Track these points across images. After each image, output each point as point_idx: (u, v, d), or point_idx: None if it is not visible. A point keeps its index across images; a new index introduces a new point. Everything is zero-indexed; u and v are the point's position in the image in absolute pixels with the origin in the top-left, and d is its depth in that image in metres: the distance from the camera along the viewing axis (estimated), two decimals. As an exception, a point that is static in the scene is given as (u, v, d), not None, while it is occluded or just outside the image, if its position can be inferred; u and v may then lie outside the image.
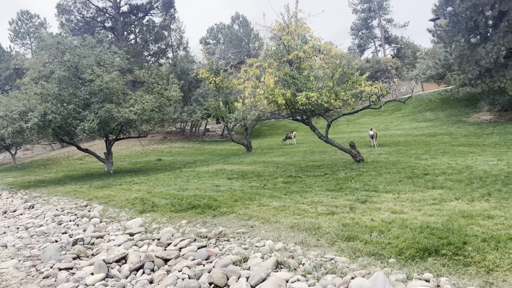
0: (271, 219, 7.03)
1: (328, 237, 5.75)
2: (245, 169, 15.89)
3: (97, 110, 17.80)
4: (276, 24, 14.57)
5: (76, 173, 21.86)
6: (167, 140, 39.52)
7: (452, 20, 27.99)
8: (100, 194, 12.46)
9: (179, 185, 12.91)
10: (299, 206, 7.95)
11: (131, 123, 18.97)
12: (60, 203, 11.72)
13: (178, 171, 17.71)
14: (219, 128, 47.49)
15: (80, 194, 12.95)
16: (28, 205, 11.52)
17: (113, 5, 41.43)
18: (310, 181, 11.42)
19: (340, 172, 12.64)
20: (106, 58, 19.87)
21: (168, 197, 10.47)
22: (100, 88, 17.88)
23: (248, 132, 26.05)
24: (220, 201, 9.21)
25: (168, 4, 42.87)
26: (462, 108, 34.79)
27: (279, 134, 41.33)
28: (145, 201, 10.20)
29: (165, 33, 46.26)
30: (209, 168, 17.90)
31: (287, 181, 11.80)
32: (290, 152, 22.33)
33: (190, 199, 9.83)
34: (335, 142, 15.37)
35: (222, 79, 23.99)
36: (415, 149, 17.83)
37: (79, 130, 17.10)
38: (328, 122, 15.28)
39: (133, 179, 15.94)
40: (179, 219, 8.06)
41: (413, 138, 23.53)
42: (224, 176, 14.46)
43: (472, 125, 26.74)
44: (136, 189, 12.97)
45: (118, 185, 14.47)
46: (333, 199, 8.54)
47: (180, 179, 14.52)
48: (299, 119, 15.48)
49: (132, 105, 18.88)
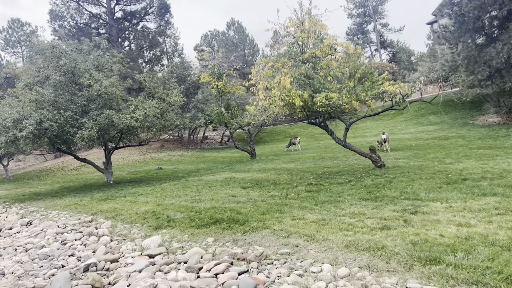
0: (317, 236, 6.02)
1: (399, 259, 4.75)
2: (257, 177, 14.87)
3: (96, 117, 16.70)
4: (290, 22, 13.64)
5: (73, 185, 20.67)
6: (165, 149, 38.36)
7: (458, 20, 27.34)
8: (104, 207, 11.36)
9: (191, 196, 11.86)
10: (342, 219, 6.94)
11: (132, 131, 17.88)
12: (60, 218, 10.59)
13: (184, 181, 16.63)
14: (217, 135, 46.45)
15: (82, 208, 11.83)
16: (25, 221, 10.37)
17: (107, 11, 40.37)
18: (337, 190, 10.43)
19: (366, 179, 11.67)
20: (104, 62, 18.81)
21: (183, 210, 9.42)
22: (99, 93, 16.79)
23: (252, 138, 25.05)
24: (245, 214, 8.18)
25: (164, 9, 41.93)
26: (466, 111, 34.13)
27: (280, 140, 40.42)
28: (158, 215, 9.13)
29: (160, 39, 45.28)
30: (216, 176, 16.85)
31: (310, 190, 10.80)
32: (298, 159, 21.36)
33: (210, 212, 8.79)
34: (354, 146, 14.43)
35: (224, 84, 23.06)
36: (432, 153, 16.95)
37: (78, 139, 15.96)
38: (347, 125, 14.34)
39: (137, 190, 14.84)
40: (203, 236, 7.01)
41: (425, 141, 22.68)
42: (237, 185, 13.44)
43: (483, 128, 25.97)
44: (143, 201, 11.89)
45: (122, 197, 13.37)
46: (375, 210, 7.55)
47: (189, 189, 13.46)
48: (314, 123, 14.52)
49: (133, 111, 17.82)
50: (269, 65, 13.62)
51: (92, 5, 40.35)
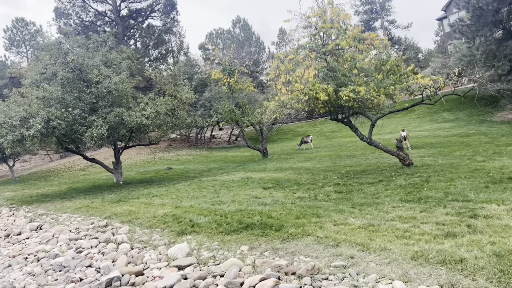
0: (372, 245, 5.25)
1: (488, 275, 3.97)
2: (276, 177, 14.10)
3: (105, 115, 15.99)
4: (311, 11, 12.85)
5: (82, 185, 19.97)
6: (173, 148, 37.65)
7: (476, 14, 26.45)
8: (118, 210, 10.63)
9: (209, 197, 11.11)
10: (392, 225, 6.16)
11: (143, 129, 17.14)
12: (72, 222, 9.87)
13: (198, 181, 15.89)
14: (225, 134, 45.72)
15: (94, 211, 11.11)
16: (34, 225, 9.65)
17: (113, 9, 39.69)
18: (370, 190, 9.65)
19: (397, 178, 10.88)
20: (113, 58, 18.08)
21: (206, 213, 8.66)
22: (109, 90, 16.07)
23: (264, 136, 24.26)
24: (277, 218, 7.41)
25: (170, 6, 41.18)
26: (481, 108, 33.12)
27: (289, 139, 39.60)
28: (179, 219, 8.38)
29: (166, 37, 44.57)
30: (231, 176, 16.10)
31: (339, 190, 10.02)
32: (313, 157, 20.58)
33: (237, 215, 8.03)
34: (380, 144, 13.64)
35: (236, 81, 22.31)
36: (458, 151, 16.14)
37: (87, 137, 15.24)
38: (372, 121, 13.56)
39: (150, 190, 14.11)
40: (235, 244, 6.26)
41: (444, 139, 21.83)
42: (256, 185, 12.68)
43: (503, 124, 25.08)
44: (159, 203, 11.15)
45: (135, 198, 12.64)
46: (424, 213, 6.76)
47: (206, 190, 12.71)
48: (337, 119, 13.72)
49: (143, 108, 17.09)
50: (289, 57, 12.84)
51: (97, 3, 39.72)
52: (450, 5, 51.00)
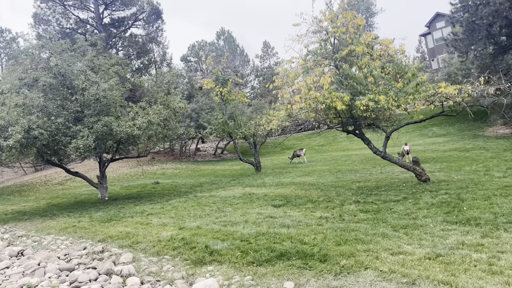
0: (461, 284, 4.19)
1: None
2: (282, 193, 13.00)
3: (92, 124, 14.63)
4: (323, 16, 11.97)
5: (62, 201, 18.35)
6: (156, 161, 36.08)
7: (469, 28, 26.31)
8: (112, 231, 9.30)
9: (215, 216, 9.91)
10: (464, 254, 5.14)
11: (133, 140, 15.79)
12: (60, 246, 8.49)
13: (193, 197, 14.64)
14: (210, 147, 44.41)
15: (84, 232, 9.73)
16: (15, 251, 8.22)
17: (95, 16, 38.19)
18: (400, 209, 8.66)
19: (423, 196, 9.95)
20: (102, 64, 16.75)
21: (221, 237, 7.47)
22: (96, 97, 14.73)
23: (257, 149, 23.17)
24: (313, 244, 6.30)
25: (155, 15, 39.96)
26: (471, 122, 32.98)
27: (277, 153, 38.57)
28: (191, 244, 7.16)
29: (151, 46, 43.22)
30: (229, 192, 14.91)
31: (365, 209, 9.00)
32: (311, 172, 19.59)
33: (261, 240, 6.88)
34: (394, 158, 12.75)
35: (229, 90, 21.26)
36: (466, 166, 15.42)
37: (72, 149, 13.82)
38: (387, 134, 12.70)
39: (143, 208, 12.79)
40: (275, 279, 5.10)
41: (444, 153, 21.22)
42: (263, 202, 11.55)
43: (500, 139, 24.74)
44: (158, 222, 9.87)
45: (128, 217, 11.31)
46: (489, 238, 5.79)
47: (208, 208, 11.49)
48: (348, 131, 12.78)
49: (133, 118, 15.80)
50: (299, 63, 11.89)
51: (79, 10, 38.09)
52: (433, 22, 51.60)
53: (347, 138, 40.39)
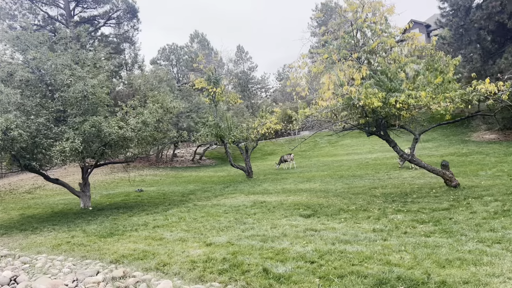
0: None
1: None
2: (299, 201, 11.77)
3: (78, 124, 12.90)
4: (347, 5, 10.92)
5: (38, 212, 16.29)
6: (132, 168, 33.98)
7: (458, 32, 26.19)
8: (121, 249, 7.73)
9: (241, 229, 8.55)
10: None
11: (124, 143, 14.11)
12: (62, 269, 6.85)
13: (193, 206, 13.17)
14: (187, 153, 42.60)
15: (83, 249, 8.09)
16: (6, 277, 6.51)
17: (65, 13, 35.76)
18: (460, 219, 7.63)
19: (472, 203, 8.99)
20: (85, 58, 14.97)
21: (272, 256, 6.12)
22: (84, 94, 13.00)
23: (248, 154, 21.86)
24: (409, 266, 5.07)
25: (131, 13, 37.87)
26: (454, 128, 33.03)
27: (258, 158, 37.35)
28: (241, 266, 5.77)
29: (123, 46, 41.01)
30: (233, 200, 13.55)
31: (419, 220, 7.89)
32: (311, 178, 18.51)
33: (330, 260, 5.59)
34: (422, 161, 11.78)
35: (222, 90, 19.90)
36: (479, 170, 14.83)
37: (57, 152, 12.03)
38: (416, 135, 11.72)
39: (143, 219, 11.20)
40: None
41: (442, 158, 20.61)
42: (285, 212, 10.28)
43: (491, 144, 24.60)
44: (172, 237, 8.38)
45: (131, 230, 9.72)
46: None
47: (224, 218, 10.09)
48: (372, 132, 11.72)
49: (122, 118, 14.16)
50: (324, 57, 10.75)
51: (48, 6, 35.48)
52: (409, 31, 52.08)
53: (329, 144, 39.78)
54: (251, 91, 59.44)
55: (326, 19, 73.36)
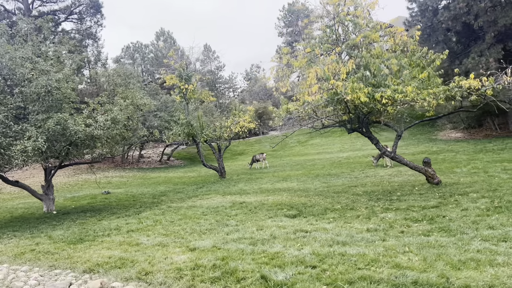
0: None
1: None
2: (281, 201, 11.33)
3: (41, 122, 11.92)
4: (329, -2, 10.59)
5: (-5, 217, 15.06)
6: (96, 169, 32.52)
7: (426, 32, 26.64)
8: (94, 256, 7.00)
9: (225, 232, 8.00)
10: None
11: (91, 142, 13.19)
12: (28, 282, 6.07)
13: (167, 208, 12.49)
14: (154, 153, 41.37)
15: (51, 258, 7.29)
16: (-40, 294, 5.69)
17: (23, 6, 33.80)
18: (453, 216, 7.41)
19: (460, 200, 8.85)
20: (47, 51, 13.94)
21: (267, 261, 5.62)
22: (48, 89, 12.03)
23: (221, 154, 21.25)
24: (422, 269, 4.70)
25: (94, 8, 36.25)
26: (421, 127, 33.62)
27: (228, 159, 36.64)
28: (235, 273, 5.23)
29: (86, 43, 39.30)
30: (210, 201, 12.95)
31: (412, 218, 7.63)
32: (287, 177, 18.13)
33: (332, 265, 5.15)
34: (405, 159, 11.62)
35: (194, 88, 19.21)
36: (455, 167, 14.91)
37: (17, 152, 11.02)
38: (399, 133, 11.55)
39: (115, 223, 10.41)
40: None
41: (415, 157, 20.74)
42: (268, 212, 9.82)
43: (460, 142, 25.12)
44: (150, 242, 7.72)
45: (102, 235, 8.96)
46: None
47: (203, 221, 9.50)
48: (354, 129, 11.43)
49: (89, 116, 13.26)
50: (307, 51, 10.36)
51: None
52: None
53: (299, 143, 39.69)
54: (219, 91, 58.70)
55: (293, 20, 73.84)
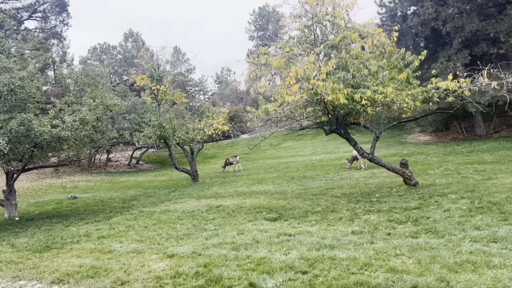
0: None
1: None
2: (259, 204, 11.04)
3: (2, 123, 11.18)
4: (307, -2, 10.42)
5: (-50, 225, 14.03)
6: (61, 173, 31.19)
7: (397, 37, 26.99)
8: (63, 265, 6.47)
9: (204, 237, 7.64)
10: None
11: (58, 144, 12.48)
12: (-12, 296, 5.52)
13: (139, 212, 11.96)
14: (122, 157, 40.24)
15: (14, 268, 6.70)
16: None
17: (-17, 3, 32.20)
18: (437, 217, 7.34)
19: (440, 201, 8.83)
20: (9, 47, 13.16)
21: (254, 268, 5.30)
22: (10, 88, 11.31)
23: (194, 157, 20.77)
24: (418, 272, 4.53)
25: (60, 6, 34.89)
26: (389, 131, 33.75)
27: (199, 162, 35.90)
28: (220, 281, 4.90)
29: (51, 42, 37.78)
30: (184, 205, 12.51)
31: (396, 220, 7.52)
32: (262, 180, 17.89)
33: (324, 270, 4.90)
34: (383, 160, 11.60)
35: (166, 89, 18.70)
36: (429, 169, 15.08)
37: (-24, 154, 10.27)
38: (377, 134, 11.51)
39: (84, 229, 9.81)
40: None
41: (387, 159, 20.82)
42: (247, 216, 9.51)
43: (429, 145, 25.63)
44: (124, 249, 7.25)
45: (71, 242, 8.39)
46: None
47: (179, 225, 9.08)
48: (332, 131, 11.28)
49: (56, 116, 12.57)
50: (285, 50, 10.16)
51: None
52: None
53: (271, 147, 39.56)
54: (190, 93, 57.90)
55: (264, 23, 74.08)
